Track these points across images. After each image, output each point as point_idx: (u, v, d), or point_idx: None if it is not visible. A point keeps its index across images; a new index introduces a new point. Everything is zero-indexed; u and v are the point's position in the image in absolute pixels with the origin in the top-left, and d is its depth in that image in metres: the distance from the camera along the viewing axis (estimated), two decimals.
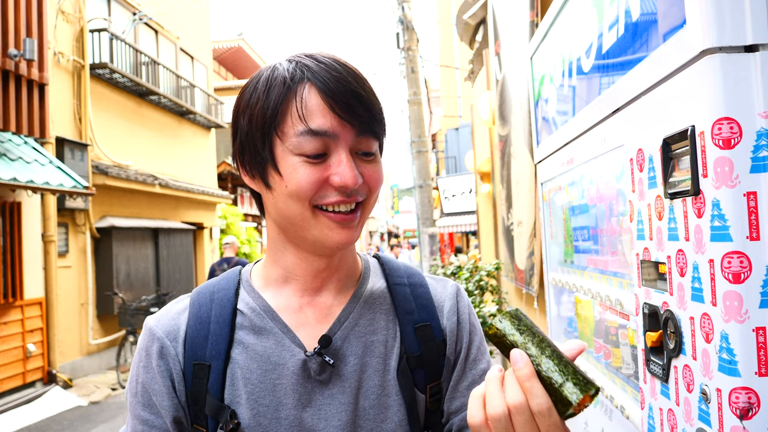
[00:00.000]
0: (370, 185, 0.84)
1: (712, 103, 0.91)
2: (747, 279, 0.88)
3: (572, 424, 2.08)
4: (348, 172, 0.79)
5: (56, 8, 8.63)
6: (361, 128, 0.81)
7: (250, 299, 0.89)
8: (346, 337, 0.87)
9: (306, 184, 0.79)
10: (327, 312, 0.89)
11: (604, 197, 1.55)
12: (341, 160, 0.80)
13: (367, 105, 0.82)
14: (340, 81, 0.80)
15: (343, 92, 0.79)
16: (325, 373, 0.85)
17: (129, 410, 0.89)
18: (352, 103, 0.80)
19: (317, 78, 0.80)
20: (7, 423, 6.48)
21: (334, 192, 0.80)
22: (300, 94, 0.79)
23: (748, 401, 0.88)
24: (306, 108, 0.79)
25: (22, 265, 7.50)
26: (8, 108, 6.76)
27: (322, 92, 0.79)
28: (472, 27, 6.80)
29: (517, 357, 0.64)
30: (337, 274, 0.91)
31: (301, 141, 0.79)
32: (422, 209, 10.62)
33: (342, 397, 0.85)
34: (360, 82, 0.82)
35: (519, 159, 3.90)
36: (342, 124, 0.79)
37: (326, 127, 0.79)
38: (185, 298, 0.93)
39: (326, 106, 0.79)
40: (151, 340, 0.87)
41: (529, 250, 3.66)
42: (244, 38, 20.85)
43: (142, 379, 0.87)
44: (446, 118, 21.48)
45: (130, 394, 0.88)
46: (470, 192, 14.88)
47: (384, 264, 0.99)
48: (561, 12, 1.88)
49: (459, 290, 0.99)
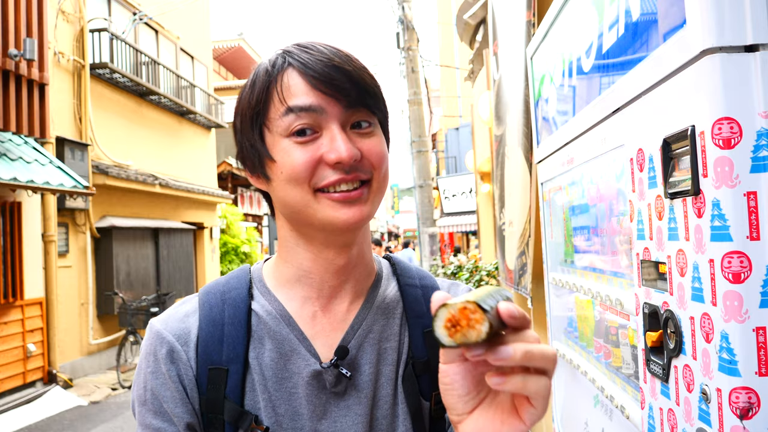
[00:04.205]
0: (372, 160, 0.79)
1: (712, 103, 0.91)
2: (747, 279, 0.88)
3: (572, 423, 2.08)
4: (341, 145, 0.75)
5: (56, 8, 8.63)
6: (348, 101, 0.77)
7: (265, 302, 0.85)
8: (360, 346, 0.84)
9: (300, 164, 0.76)
10: (342, 318, 0.85)
11: (605, 197, 1.55)
12: (333, 135, 0.76)
13: (355, 79, 0.78)
14: (321, 60, 0.77)
15: (325, 69, 0.76)
16: (341, 385, 0.82)
17: (138, 420, 0.82)
18: (335, 77, 0.76)
19: (298, 61, 0.78)
20: (7, 423, 6.48)
21: (331, 171, 0.76)
22: (281, 79, 0.78)
23: (748, 401, 0.88)
24: (286, 89, 0.77)
25: (23, 265, 7.50)
26: (8, 108, 6.76)
27: (302, 72, 0.77)
28: (472, 27, 6.80)
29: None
30: (354, 273, 0.86)
31: (285, 122, 0.76)
32: (422, 209, 10.63)
33: (358, 408, 0.82)
34: (346, 59, 0.79)
35: (512, 159, 3.90)
36: (327, 99, 0.76)
37: (309, 102, 0.76)
38: (192, 299, 0.87)
39: (308, 84, 0.76)
40: (159, 343, 0.81)
41: (519, 249, 3.65)
42: (244, 38, 20.86)
43: (151, 386, 0.80)
44: (446, 118, 21.49)
45: (139, 403, 0.82)
46: (470, 192, 14.88)
47: (395, 265, 0.95)
48: (561, 12, 1.88)
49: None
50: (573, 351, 2.03)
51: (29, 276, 7.68)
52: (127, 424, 6.54)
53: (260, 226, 19.34)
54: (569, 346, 2.09)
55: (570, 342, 2.07)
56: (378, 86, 0.82)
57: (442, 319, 0.56)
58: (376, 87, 0.81)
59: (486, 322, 0.54)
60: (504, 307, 0.57)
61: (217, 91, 16.90)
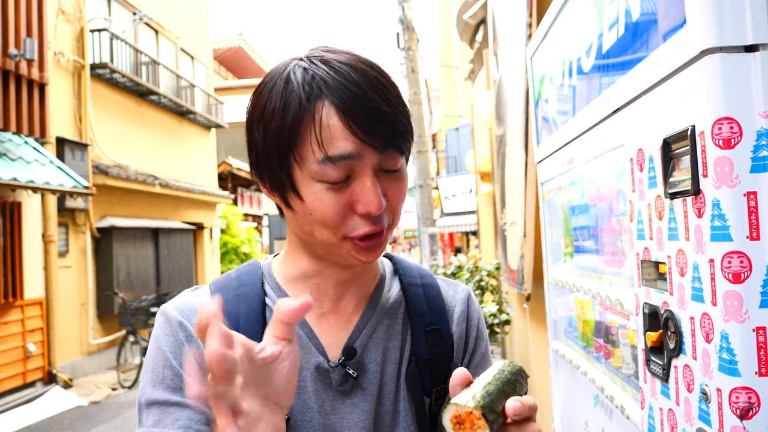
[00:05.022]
0: (394, 204, 0.80)
1: (712, 103, 0.91)
2: (747, 279, 0.88)
3: (572, 423, 2.08)
4: (373, 199, 0.75)
5: (56, 8, 8.64)
6: (384, 146, 0.76)
7: (277, 298, 0.86)
8: (366, 345, 0.86)
9: (332, 213, 0.76)
10: (347, 319, 0.87)
11: (605, 197, 1.55)
12: (365, 184, 0.75)
13: (392, 122, 0.76)
14: (360, 97, 0.74)
15: (365, 111, 0.73)
16: (347, 384, 0.84)
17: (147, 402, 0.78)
18: (374, 123, 0.74)
19: (335, 95, 0.73)
20: (7, 423, 6.48)
21: (361, 221, 0.77)
22: (318, 117, 0.73)
23: (748, 401, 0.88)
24: (325, 133, 0.73)
25: (23, 265, 7.50)
26: (8, 108, 6.76)
27: (341, 112, 0.73)
28: (472, 27, 6.80)
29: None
30: (359, 280, 0.89)
31: (322, 168, 0.74)
32: (422, 209, 10.63)
33: (364, 405, 0.84)
34: (383, 93, 0.76)
35: (513, 159, 3.90)
36: (364, 146, 0.74)
37: (348, 150, 0.74)
38: (203, 290, 0.88)
39: (346, 129, 0.73)
40: (178, 326, 0.81)
41: (522, 250, 3.65)
42: (244, 38, 20.87)
43: (171, 363, 0.79)
44: (446, 118, 21.48)
45: (151, 386, 0.78)
46: (470, 192, 14.88)
47: (397, 264, 0.97)
48: (561, 12, 1.88)
49: (470, 296, 0.98)
50: (573, 351, 2.03)
51: (29, 276, 7.68)
52: (127, 424, 6.54)
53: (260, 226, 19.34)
54: (569, 346, 2.09)
55: (570, 342, 2.08)
56: (409, 118, 0.81)
57: (449, 413, 0.63)
58: (409, 123, 0.80)
59: (487, 429, 0.61)
60: (510, 407, 0.62)
61: (217, 91, 16.90)
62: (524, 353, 4.52)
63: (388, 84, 0.78)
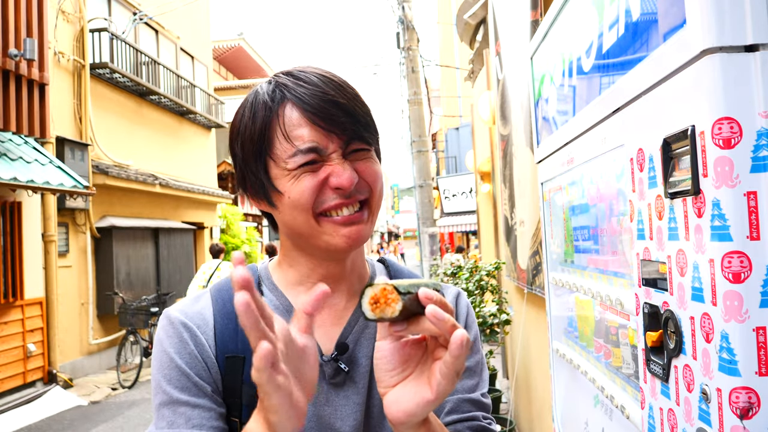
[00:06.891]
0: (369, 181, 0.87)
1: (712, 103, 0.91)
2: (747, 279, 0.88)
3: (572, 423, 2.08)
4: (342, 172, 0.82)
5: (56, 8, 8.63)
6: (346, 135, 0.84)
7: (273, 297, 0.92)
8: (358, 340, 0.91)
9: (306, 190, 0.82)
10: (340, 315, 0.93)
11: (605, 197, 1.55)
12: (335, 164, 0.83)
13: (349, 111, 0.84)
14: (317, 94, 0.83)
15: (322, 104, 0.82)
16: (339, 377, 0.89)
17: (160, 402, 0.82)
18: (333, 113, 0.82)
19: (295, 95, 0.83)
20: (7, 423, 6.49)
21: (333, 195, 0.83)
22: (281, 115, 0.83)
23: (748, 401, 0.88)
24: (289, 128, 0.82)
25: (23, 265, 7.50)
26: (8, 108, 6.76)
27: (302, 108, 0.82)
28: (472, 27, 6.80)
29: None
30: (350, 277, 0.94)
31: (294, 161, 0.82)
32: (422, 209, 10.62)
33: (356, 398, 0.89)
34: (339, 90, 0.84)
35: (520, 158, 3.91)
36: (327, 135, 0.83)
37: (313, 139, 0.82)
38: (203, 296, 0.93)
39: (308, 121, 0.82)
40: (182, 326, 0.86)
41: (532, 249, 3.66)
42: (245, 38, 20.86)
43: (177, 363, 0.83)
44: (446, 118, 21.48)
45: (165, 381, 0.82)
46: (470, 192, 14.88)
47: (389, 266, 1.04)
48: (561, 12, 1.88)
49: (459, 294, 1.03)
50: (573, 351, 2.03)
51: (29, 276, 7.68)
52: (127, 424, 6.54)
53: (260, 226, 19.35)
54: (569, 345, 2.09)
55: (570, 342, 2.08)
56: (370, 114, 0.89)
57: (367, 296, 0.67)
58: (368, 116, 0.88)
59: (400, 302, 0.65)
60: (423, 292, 0.66)
61: (217, 91, 16.90)
62: (524, 353, 4.52)
63: (345, 85, 0.87)
